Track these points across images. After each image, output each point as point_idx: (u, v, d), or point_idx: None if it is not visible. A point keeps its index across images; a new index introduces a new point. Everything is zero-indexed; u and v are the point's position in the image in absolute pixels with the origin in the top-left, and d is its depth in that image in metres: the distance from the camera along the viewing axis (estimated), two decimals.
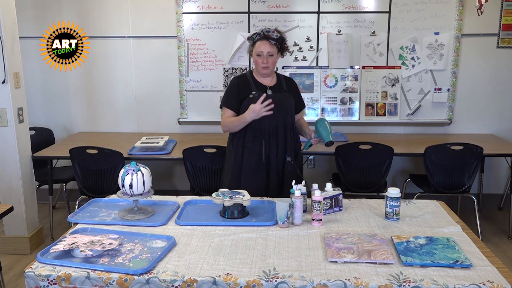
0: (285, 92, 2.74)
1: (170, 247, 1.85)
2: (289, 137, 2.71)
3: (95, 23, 4.26)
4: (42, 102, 4.44)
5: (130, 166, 2.16)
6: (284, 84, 2.77)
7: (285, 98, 2.72)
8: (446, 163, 3.49)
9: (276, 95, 2.67)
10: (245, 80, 2.74)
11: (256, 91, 2.67)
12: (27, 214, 3.53)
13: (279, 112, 2.63)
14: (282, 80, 2.78)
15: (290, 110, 2.74)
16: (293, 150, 2.75)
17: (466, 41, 4.16)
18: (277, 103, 2.61)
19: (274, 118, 2.62)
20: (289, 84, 2.80)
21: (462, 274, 1.64)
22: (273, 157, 2.69)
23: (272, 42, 2.62)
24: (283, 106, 2.68)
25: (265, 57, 2.63)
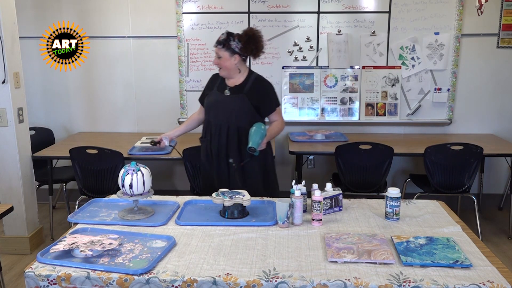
0: (242, 95, 2.71)
1: (170, 247, 1.85)
2: (232, 139, 2.71)
3: (95, 23, 4.26)
4: (42, 102, 4.44)
5: (130, 166, 2.16)
6: (247, 87, 2.74)
7: (236, 101, 2.71)
8: (446, 163, 3.50)
9: (231, 97, 2.73)
10: (217, 77, 2.84)
11: (215, 90, 2.79)
12: (27, 214, 3.53)
13: (224, 113, 2.72)
14: (248, 83, 2.75)
15: (237, 113, 2.70)
16: (238, 154, 2.72)
17: (466, 41, 4.16)
18: (224, 104, 2.72)
19: (219, 118, 2.73)
20: (255, 88, 2.74)
21: (462, 274, 1.64)
22: (215, 157, 2.77)
23: (216, 45, 2.71)
24: (229, 109, 2.71)
25: (216, 58, 2.73)
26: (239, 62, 2.72)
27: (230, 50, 2.68)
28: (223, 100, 2.73)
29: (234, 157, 2.72)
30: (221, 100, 2.74)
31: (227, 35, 2.69)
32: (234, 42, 2.67)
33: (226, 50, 2.68)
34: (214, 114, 2.75)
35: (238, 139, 2.71)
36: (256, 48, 2.71)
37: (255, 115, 2.73)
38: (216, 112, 2.75)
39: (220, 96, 2.76)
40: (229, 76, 2.77)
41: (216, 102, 2.76)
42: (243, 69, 2.77)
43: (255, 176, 2.78)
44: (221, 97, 2.75)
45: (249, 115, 2.72)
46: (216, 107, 2.75)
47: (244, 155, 2.70)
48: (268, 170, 2.88)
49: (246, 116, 2.72)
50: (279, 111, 2.85)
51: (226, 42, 2.68)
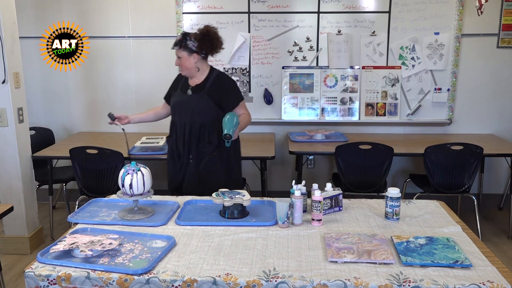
0: (202, 93, 2.77)
1: (170, 247, 1.85)
2: (194, 137, 2.77)
3: (95, 23, 4.26)
4: (42, 102, 4.44)
5: (130, 166, 2.16)
6: (208, 85, 2.79)
7: (198, 100, 2.77)
8: (446, 163, 3.50)
9: (192, 96, 2.79)
10: (181, 77, 2.92)
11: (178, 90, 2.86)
12: (27, 214, 3.53)
13: (186, 113, 2.78)
14: (209, 81, 2.80)
15: (199, 111, 2.76)
16: (197, 152, 2.78)
17: (466, 41, 4.16)
18: (187, 104, 2.78)
19: (183, 118, 2.80)
20: (215, 84, 2.79)
21: (462, 274, 1.64)
22: (181, 156, 2.83)
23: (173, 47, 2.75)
24: (191, 108, 2.76)
25: (176, 59, 2.78)
26: (199, 61, 2.76)
27: (188, 49, 2.72)
28: (186, 100, 2.80)
29: (194, 155, 2.79)
30: (184, 100, 2.80)
31: (183, 35, 2.75)
32: (191, 42, 2.72)
33: (184, 50, 2.73)
34: (179, 114, 2.83)
35: (199, 137, 2.78)
36: (211, 46, 2.74)
37: (218, 112, 2.76)
38: (180, 112, 2.82)
39: (182, 96, 2.82)
40: (191, 75, 2.82)
41: (179, 102, 2.82)
42: (203, 67, 2.81)
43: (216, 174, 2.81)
44: (184, 97, 2.81)
45: (211, 112, 2.76)
46: (180, 107, 2.82)
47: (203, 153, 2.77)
48: (231, 168, 2.89)
49: (207, 114, 2.76)
50: (243, 105, 2.87)
51: (182, 43, 2.73)
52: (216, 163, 2.80)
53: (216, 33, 2.75)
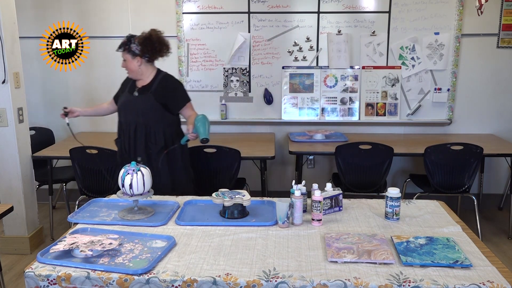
0: (148, 94, 2.82)
1: (170, 247, 1.85)
2: (140, 138, 2.82)
3: (95, 23, 4.26)
4: (42, 102, 4.44)
5: (130, 166, 2.16)
6: (153, 86, 2.84)
7: (143, 101, 2.82)
8: (446, 163, 3.50)
9: (138, 97, 2.85)
10: (129, 79, 2.97)
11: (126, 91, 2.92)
12: (27, 214, 3.53)
13: (132, 113, 2.84)
14: (155, 82, 2.86)
15: (143, 112, 2.81)
16: (145, 152, 2.84)
17: (466, 41, 4.16)
18: (133, 105, 2.84)
19: (128, 119, 2.86)
20: (161, 86, 2.85)
21: (462, 274, 1.64)
22: (127, 154, 2.89)
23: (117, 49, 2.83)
24: (136, 109, 2.82)
25: (122, 62, 2.85)
26: (143, 64, 2.82)
27: (131, 52, 2.79)
28: (132, 101, 2.86)
29: (142, 155, 2.84)
30: (130, 100, 2.87)
31: (128, 38, 2.80)
32: (134, 45, 2.77)
33: (128, 53, 2.79)
34: (124, 115, 2.89)
35: (146, 138, 2.83)
36: (154, 50, 2.80)
37: (163, 113, 2.83)
38: (126, 112, 2.88)
39: (129, 97, 2.88)
40: (136, 77, 2.87)
41: (125, 103, 2.88)
42: (149, 70, 2.86)
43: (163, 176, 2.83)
44: (130, 98, 2.87)
45: (156, 113, 2.82)
46: (126, 108, 2.88)
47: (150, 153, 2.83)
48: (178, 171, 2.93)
49: (152, 114, 2.82)
50: (190, 106, 2.93)
51: (126, 45, 2.79)
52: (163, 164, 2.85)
53: (159, 37, 2.82)
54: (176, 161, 2.91)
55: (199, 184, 3.45)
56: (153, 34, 2.81)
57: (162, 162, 2.82)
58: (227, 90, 4.31)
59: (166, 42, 2.86)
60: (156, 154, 2.84)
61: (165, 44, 2.85)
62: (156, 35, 2.81)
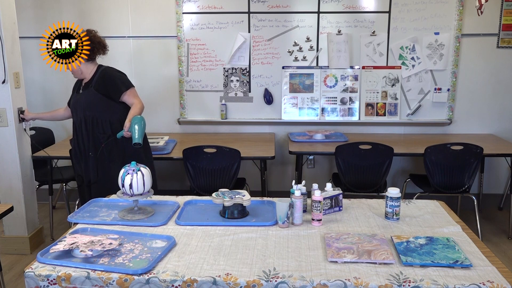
0: (89, 89, 2.97)
1: (170, 247, 1.85)
2: (89, 131, 2.95)
3: (95, 23, 4.26)
4: (42, 102, 4.44)
5: (130, 166, 2.16)
6: (94, 80, 2.98)
7: (86, 96, 2.97)
8: (446, 163, 3.50)
9: (82, 93, 3.00)
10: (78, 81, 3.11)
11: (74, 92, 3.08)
12: (27, 214, 3.53)
13: (79, 109, 2.97)
14: (95, 77, 2.99)
15: (88, 106, 2.94)
16: (93, 145, 2.96)
17: (466, 41, 4.16)
18: (79, 102, 2.98)
19: (77, 115, 2.99)
20: (99, 79, 2.98)
21: (462, 274, 1.64)
22: (81, 150, 3.00)
23: None
24: (81, 104, 2.97)
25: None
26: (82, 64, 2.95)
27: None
28: (78, 99, 3.00)
29: (92, 149, 2.96)
30: (77, 99, 3.01)
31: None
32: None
33: None
34: (75, 114, 3.01)
35: (93, 129, 2.94)
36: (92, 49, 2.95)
37: (107, 103, 2.95)
38: (75, 111, 3.01)
39: (75, 96, 3.04)
40: (79, 77, 3.03)
41: (74, 103, 3.03)
42: (90, 68, 3.00)
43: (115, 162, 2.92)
44: (76, 97, 3.03)
45: (100, 104, 2.94)
46: (74, 107, 3.02)
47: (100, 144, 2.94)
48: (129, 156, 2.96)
49: (97, 106, 2.95)
50: (132, 93, 3.01)
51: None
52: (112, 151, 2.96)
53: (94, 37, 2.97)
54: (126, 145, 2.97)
55: (199, 184, 3.45)
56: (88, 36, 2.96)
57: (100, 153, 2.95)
58: (227, 90, 4.31)
59: (102, 41, 3.03)
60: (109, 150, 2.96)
61: (100, 43, 3.00)
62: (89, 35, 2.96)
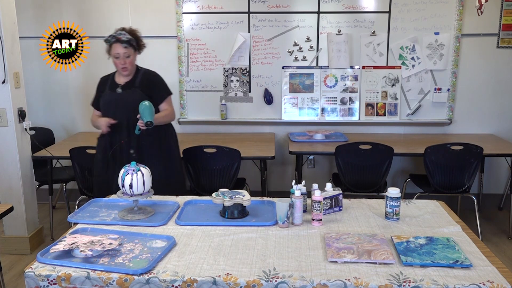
0: (134, 89, 2.91)
1: (170, 247, 1.85)
2: (132, 132, 2.84)
3: (95, 23, 4.26)
4: (42, 102, 4.44)
5: (130, 166, 2.16)
6: (138, 80, 2.94)
7: (131, 96, 2.89)
8: (446, 163, 3.50)
9: (123, 93, 2.91)
10: (106, 79, 3.02)
11: (107, 90, 2.95)
12: (27, 214, 3.53)
13: (122, 109, 2.88)
14: (138, 77, 2.95)
15: (133, 106, 2.82)
16: (138, 144, 2.89)
17: (466, 41, 4.16)
18: (120, 101, 2.89)
19: (118, 115, 2.89)
20: (145, 80, 2.95)
21: (462, 274, 1.64)
22: (118, 151, 2.91)
23: (123, 45, 2.83)
24: (126, 103, 2.87)
25: (122, 58, 2.85)
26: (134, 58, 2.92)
27: (133, 47, 2.88)
28: (118, 98, 2.91)
29: (134, 148, 2.89)
30: (116, 98, 2.91)
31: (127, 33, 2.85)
32: (133, 39, 2.87)
33: (131, 47, 2.87)
34: (113, 113, 2.90)
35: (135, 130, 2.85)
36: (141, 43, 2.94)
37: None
38: (114, 110, 2.91)
39: (113, 95, 2.92)
40: (130, 73, 2.93)
41: (111, 101, 2.92)
42: (134, 65, 2.97)
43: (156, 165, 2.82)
44: (115, 96, 2.92)
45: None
46: (112, 106, 2.92)
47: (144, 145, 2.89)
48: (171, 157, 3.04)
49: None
50: (169, 101, 3.02)
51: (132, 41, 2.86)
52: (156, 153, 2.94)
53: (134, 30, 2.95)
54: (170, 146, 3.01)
55: (199, 184, 3.45)
56: (132, 29, 2.92)
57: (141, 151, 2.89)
58: (227, 90, 4.31)
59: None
60: (149, 145, 2.92)
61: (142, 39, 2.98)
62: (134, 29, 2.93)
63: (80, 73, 4.33)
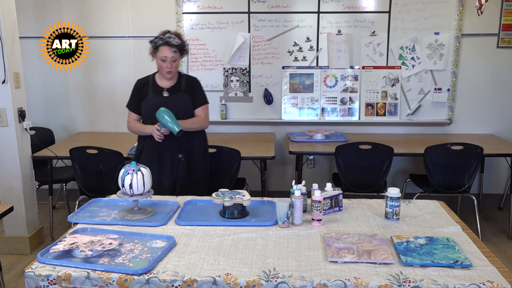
0: (181, 93, 2.85)
1: (170, 247, 1.85)
2: (182, 137, 2.74)
3: (95, 23, 4.26)
4: (42, 102, 4.44)
5: (130, 166, 2.16)
6: (183, 84, 2.87)
7: (180, 100, 2.83)
8: (446, 163, 3.50)
9: (171, 97, 2.82)
10: (145, 82, 2.90)
11: (151, 94, 2.84)
12: (27, 214, 3.53)
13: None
14: (182, 81, 2.88)
15: (183, 110, 2.81)
16: (186, 148, 2.85)
17: (466, 41, 4.16)
18: (171, 104, 2.75)
19: None
20: (189, 84, 2.90)
21: (462, 274, 1.64)
22: (167, 156, 2.84)
23: (173, 49, 2.74)
24: (175, 108, 2.75)
25: (169, 62, 2.76)
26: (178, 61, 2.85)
27: (180, 51, 2.79)
28: (164, 102, 2.78)
29: (183, 152, 2.84)
30: (162, 102, 2.78)
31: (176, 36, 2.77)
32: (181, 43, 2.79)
33: (178, 51, 2.78)
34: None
35: (187, 135, 2.79)
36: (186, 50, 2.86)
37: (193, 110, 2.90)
38: None
39: (159, 98, 2.81)
40: (174, 77, 2.86)
41: (157, 105, 2.74)
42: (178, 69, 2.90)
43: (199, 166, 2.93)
44: (161, 99, 2.81)
45: (191, 110, 2.88)
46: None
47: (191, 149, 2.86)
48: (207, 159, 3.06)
49: (189, 112, 2.86)
50: (205, 109, 2.94)
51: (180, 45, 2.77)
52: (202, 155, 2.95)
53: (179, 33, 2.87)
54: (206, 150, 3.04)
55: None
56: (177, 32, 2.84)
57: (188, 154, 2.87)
58: (227, 90, 4.31)
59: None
60: (197, 148, 2.91)
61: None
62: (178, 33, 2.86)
63: (80, 73, 4.33)
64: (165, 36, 2.76)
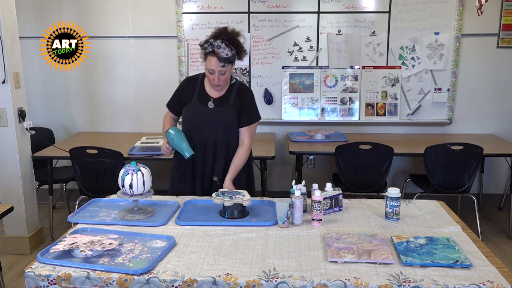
0: (227, 108, 2.46)
1: (170, 247, 1.85)
2: (219, 155, 2.49)
3: (95, 23, 4.26)
4: (42, 102, 4.44)
5: (130, 166, 2.16)
6: (232, 97, 2.48)
7: (226, 114, 2.46)
8: (446, 163, 3.50)
9: (216, 110, 2.46)
10: (193, 84, 2.53)
11: (195, 101, 2.49)
12: (27, 214, 3.53)
13: (210, 128, 2.47)
14: (233, 92, 2.49)
15: (225, 128, 2.47)
16: (223, 171, 2.48)
17: (466, 41, 4.16)
18: (210, 118, 2.45)
19: (204, 134, 2.48)
20: (239, 97, 2.49)
21: (462, 274, 1.64)
22: (200, 174, 2.53)
23: (220, 64, 2.32)
24: (216, 123, 2.46)
25: (217, 76, 2.37)
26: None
27: (232, 62, 2.40)
28: (208, 114, 2.45)
29: (219, 174, 2.50)
30: (205, 113, 2.46)
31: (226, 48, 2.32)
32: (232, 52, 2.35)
33: (229, 64, 2.38)
34: (198, 129, 2.48)
35: (226, 156, 2.49)
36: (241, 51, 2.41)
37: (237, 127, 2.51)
38: (201, 126, 2.47)
39: (203, 109, 2.46)
40: (222, 89, 2.49)
41: (199, 116, 2.47)
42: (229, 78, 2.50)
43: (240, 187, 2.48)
44: (205, 110, 2.46)
45: (236, 128, 2.51)
46: (200, 121, 2.47)
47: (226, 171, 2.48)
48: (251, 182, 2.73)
49: (233, 130, 2.50)
50: (253, 128, 2.55)
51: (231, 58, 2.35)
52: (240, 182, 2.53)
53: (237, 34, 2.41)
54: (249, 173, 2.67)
55: None
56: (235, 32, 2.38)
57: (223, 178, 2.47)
58: None
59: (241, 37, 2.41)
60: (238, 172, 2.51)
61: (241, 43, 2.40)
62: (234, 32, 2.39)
63: (80, 73, 4.33)
64: (215, 44, 2.33)
